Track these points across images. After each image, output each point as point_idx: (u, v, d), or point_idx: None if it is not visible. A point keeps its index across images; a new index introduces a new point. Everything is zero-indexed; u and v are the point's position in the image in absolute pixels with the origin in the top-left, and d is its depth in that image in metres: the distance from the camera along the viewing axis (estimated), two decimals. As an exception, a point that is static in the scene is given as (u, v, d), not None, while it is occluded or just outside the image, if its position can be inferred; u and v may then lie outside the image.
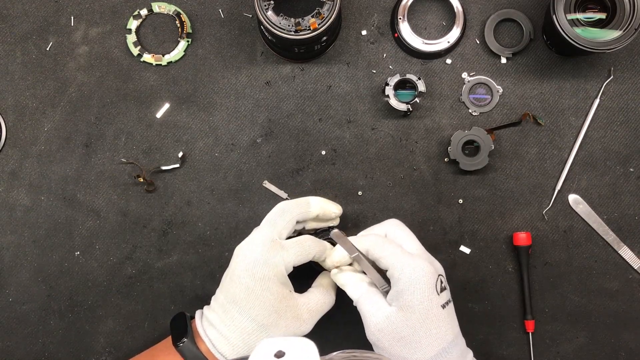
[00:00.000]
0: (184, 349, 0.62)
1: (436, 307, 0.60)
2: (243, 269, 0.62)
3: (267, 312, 0.61)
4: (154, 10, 0.75)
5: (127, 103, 0.75)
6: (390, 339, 0.60)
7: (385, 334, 0.60)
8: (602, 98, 0.74)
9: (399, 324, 0.60)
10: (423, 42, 0.73)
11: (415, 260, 0.61)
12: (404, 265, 0.60)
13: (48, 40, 0.75)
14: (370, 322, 0.61)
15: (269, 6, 0.66)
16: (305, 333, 0.63)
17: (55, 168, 0.75)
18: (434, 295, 0.60)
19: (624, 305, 0.73)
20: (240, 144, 0.75)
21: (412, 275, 0.60)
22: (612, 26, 0.66)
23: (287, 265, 0.62)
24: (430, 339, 0.59)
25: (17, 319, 0.74)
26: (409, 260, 0.61)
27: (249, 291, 0.61)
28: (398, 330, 0.59)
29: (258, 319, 0.61)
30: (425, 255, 0.64)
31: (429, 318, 0.59)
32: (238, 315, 0.61)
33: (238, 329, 0.61)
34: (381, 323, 0.60)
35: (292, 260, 0.63)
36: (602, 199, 0.74)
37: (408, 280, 0.60)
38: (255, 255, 0.62)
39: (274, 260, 0.62)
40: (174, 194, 0.75)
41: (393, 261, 0.61)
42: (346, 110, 0.75)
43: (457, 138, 0.72)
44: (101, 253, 0.75)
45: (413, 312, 0.59)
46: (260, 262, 0.61)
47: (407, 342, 0.59)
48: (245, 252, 0.62)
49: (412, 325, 0.59)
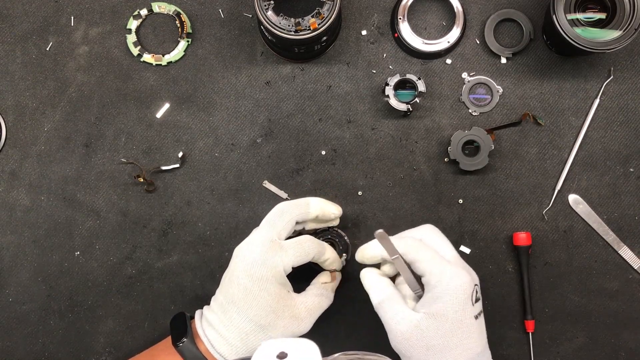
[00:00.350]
0: (183, 349, 0.62)
1: (469, 318, 0.59)
2: (241, 270, 0.61)
3: (264, 312, 0.61)
4: (154, 10, 0.75)
5: (127, 103, 0.75)
6: (418, 347, 0.59)
7: (413, 343, 0.59)
8: (602, 98, 0.74)
9: (429, 332, 0.58)
10: (423, 42, 0.73)
11: (454, 269, 0.60)
12: (442, 272, 0.59)
13: (48, 40, 0.75)
14: (395, 329, 0.60)
15: (269, 6, 0.66)
16: (304, 332, 0.63)
17: (55, 168, 0.75)
18: (469, 305, 0.59)
19: (624, 305, 0.73)
20: (240, 144, 0.75)
21: (450, 284, 0.59)
22: (612, 26, 0.66)
23: (285, 266, 0.62)
24: (461, 350, 0.58)
25: (17, 319, 0.74)
26: (448, 267, 0.60)
27: (247, 292, 0.61)
28: (428, 339, 0.58)
29: (256, 320, 0.61)
30: (462, 263, 0.62)
31: (461, 328, 0.58)
32: (236, 316, 0.61)
33: (236, 330, 0.61)
34: (409, 332, 0.59)
35: (291, 261, 0.63)
36: (602, 199, 0.74)
37: (445, 288, 0.59)
38: (254, 256, 0.62)
39: (273, 260, 0.61)
40: (174, 194, 0.75)
41: (431, 267, 0.60)
42: (346, 110, 0.75)
43: (457, 138, 0.72)
44: (101, 253, 0.75)
45: (446, 321, 0.58)
46: (259, 262, 0.61)
47: (437, 351, 0.58)
48: (245, 253, 0.62)
49: (443, 334, 0.58)
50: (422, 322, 0.59)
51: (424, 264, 0.60)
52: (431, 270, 0.60)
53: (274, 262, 0.61)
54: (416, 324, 0.59)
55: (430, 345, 0.58)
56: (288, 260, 0.62)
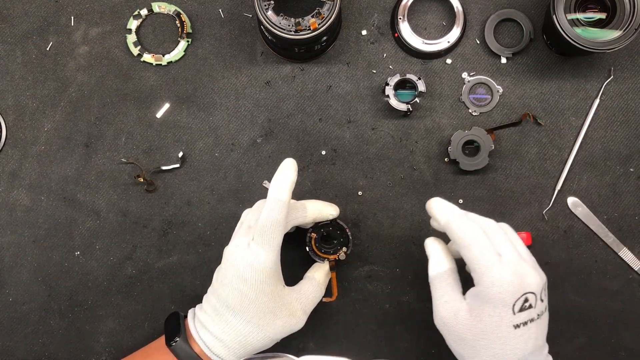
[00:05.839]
0: (176, 349, 0.62)
1: (506, 326, 0.56)
2: (234, 275, 0.60)
3: (262, 312, 0.60)
4: (154, 10, 0.75)
5: (127, 103, 0.75)
6: (452, 334, 0.58)
7: (448, 328, 0.59)
8: (602, 98, 0.74)
9: (464, 325, 0.58)
10: (423, 42, 0.73)
11: (499, 272, 0.56)
12: (485, 271, 0.57)
13: (48, 40, 0.75)
14: (437, 310, 0.60)
15: (269, 6, 0.66)
16: (300, 328, 0.63)
17: (55, 168, 0.75)
18: (507, 313, 0.56)
19: (624, 305, 0.73)
20: (240, 144, 0.75)
21: (490, 288, 0.56)
22: (612, 26, 0.66)
23: (274, 259, 0.61)
24: (490, 353, 0.57)
25: (17, 319, 0.75)
26: (492, 270, 0.57)
27: (242, 295, 0.60)
28: (461, 331, 0.58)
29: (254, 321, 0.60)
30: (519, 265, 0.58)
31: (494, 334, 0.56)
32: (233, 319, 0.61)
33: (233, 332, 0.61)
34: (447, 317, 0.59)
35: (277, 253, 0.61)
36: (602, 199, 0.74)
37: (484, 289, 0.57)
38: (246, 260, 0.60)
39: (264, 260, 0.60)
40: (174, 194, 0.75)
41: (477, 264, 0.57)
42: (346, 110, 0.75)
43: (457, 138, 0.72)
44: (101, 253, 0.75)
45: (480, 322, 0.57)
46: (251, 265, 0.60)
47: (468, 345, 0.57)
48: (235, 257, 0.61)
49: (475, 333, 0.57)
50: (460, 313, 0.58)
51: (472, 257, 0.57)
52: (476, 267, 0.57)
53: (265, 262, 0.60)
54: (455, 313, 0.58)
55: (462, 338, 0.58)
56: (273, 255, 0.61)
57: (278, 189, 0.60)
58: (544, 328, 0.59)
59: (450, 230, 0.59)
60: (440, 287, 0.61)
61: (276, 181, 0.61)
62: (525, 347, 0.57)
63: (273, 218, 0.60)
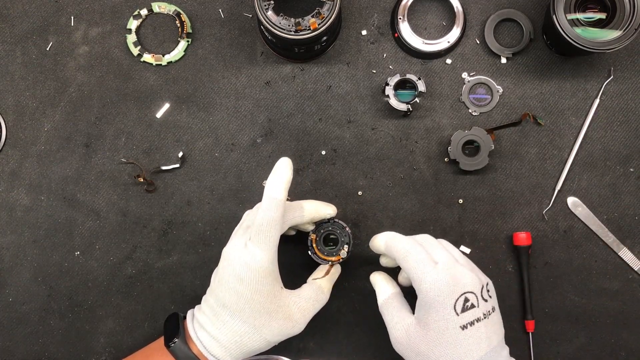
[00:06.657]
0: (175, 349, 0.62)
1: (453, 328, 0.57)
2: (230, 274, 0.61)
3: (258, 313, 0.60)
4: (154, 10, 0.75)
5: (127, 103, 0.75)
6: (409, 351, 0.59)
7: (405, 347, 0.60)
8: (602, 98, 0.74)
9: (417, 338, 0.59)
10: (423, 42, 0.73)
11: (435, 276, 0.58)
12: (423, 277, 0.58)
13: (48, 40, 0.75)
14: (391, 334, 0.62)
15: (269, 6, 0.66)
16: (298, 333, 0.63)
17: (55, 168, 0.75)
18: (451, 315, 0.57)
19: (624, 305, 0.73)
20: (240, 144, 0.75)
21: (428, 293, 0.58)
22: (612, 26, 0.66)
23: (271, 259, 0.61)
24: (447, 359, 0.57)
25: (17, 319, 0.75)
26: (429, 272, 0.58)
27: (238, 295, 0.60)
28: (416, 345, 0.59)
29: (250, 321, 0.60)
30: (454, 267, 0.59)
31: (444, 338, 0.57)
32: (229, 319, 0.61)
33: (230, 332, 0.61)
34: (400, 336, 0.60)
35: (273, 252, 0.61)
36: (602, 199, 0.74)
37: (424, 296, 0.58)
38: (242, 260, 0.60)
39: (261, 259, 0.60)
40: (174, 194, 0.75)
41: (414, 272, 0.59)
42: (346, 110, 0.75)
43: (457, 138, 0.72)
44: (101, 253, 0.75)
45: (429, 330, 0.58)
46: (248, 265, 0.60)
47: (425, 357, 0.58)
48: (232, 257, 0.61)
49: (428, 342, 0.58)
50: (411, 329, 0.60)
51: (408, 267, 0.60)
52: (413, 275, 0.59)
53: (261, 261, 0.60)
54: (406, 329, 0.60)
55: (418, 352, 0.59)
56: (271, 254, 0.61)
57: (273, 188, 0.61)
58: (497, 328, 0.60)
59: (389, 248, 0.62)
60: (388, 311, 0.63)
61: (271, 180, 0.61)
62: (478, 347, 0.57)
63: (269, 217, 0.60)
